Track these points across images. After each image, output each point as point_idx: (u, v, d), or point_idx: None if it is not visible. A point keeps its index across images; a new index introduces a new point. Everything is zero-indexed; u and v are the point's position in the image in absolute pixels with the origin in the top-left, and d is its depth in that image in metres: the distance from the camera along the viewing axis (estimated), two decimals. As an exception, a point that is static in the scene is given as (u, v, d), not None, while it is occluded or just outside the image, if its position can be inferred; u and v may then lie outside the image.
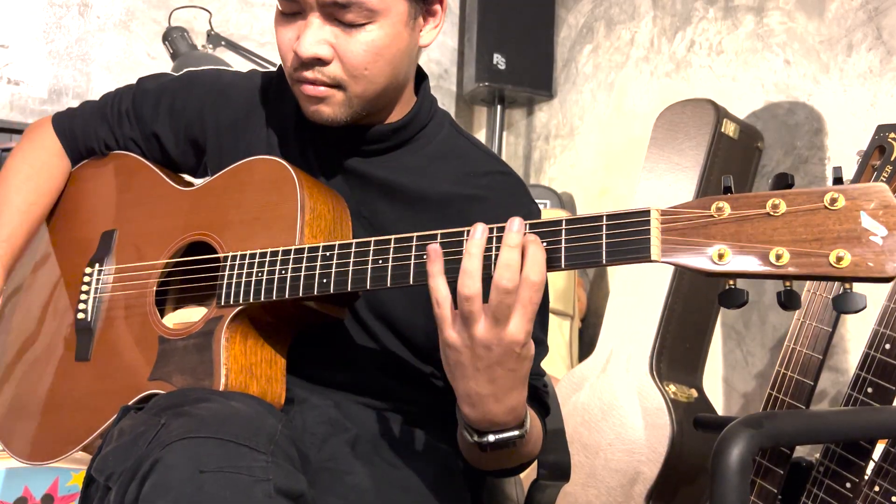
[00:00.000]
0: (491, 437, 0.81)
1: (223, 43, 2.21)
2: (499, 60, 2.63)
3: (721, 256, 0.67)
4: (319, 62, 0.90)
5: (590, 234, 0.73)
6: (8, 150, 1.98)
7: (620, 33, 2.50)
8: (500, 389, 0.77)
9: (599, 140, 2.55)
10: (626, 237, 0.71)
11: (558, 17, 2.77)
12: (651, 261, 0.70)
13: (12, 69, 2.32)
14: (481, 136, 2.95)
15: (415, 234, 0.81)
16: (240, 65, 2.21)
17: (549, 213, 2.49)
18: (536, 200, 1.08)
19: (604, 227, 0.73)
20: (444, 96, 2.97)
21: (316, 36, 0.89)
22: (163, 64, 2.34)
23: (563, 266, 0.75)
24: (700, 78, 2.17)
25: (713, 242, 0.68)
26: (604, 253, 0.72)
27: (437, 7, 0.97)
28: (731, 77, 2.07)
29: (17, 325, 1.16)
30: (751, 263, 0.66)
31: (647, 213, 0.71)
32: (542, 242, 0.75)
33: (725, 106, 1.80)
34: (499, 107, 2.75)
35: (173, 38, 2.09)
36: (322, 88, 0.92)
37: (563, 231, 0.75)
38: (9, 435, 1.10)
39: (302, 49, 0.89)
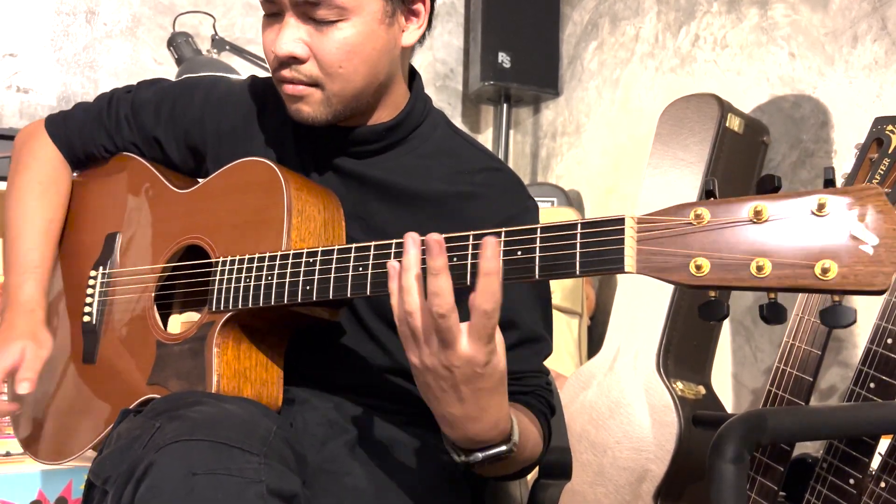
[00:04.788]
0: (479, 455, 0.80)
1: (228, 47, 2.22)
2: (504, 59, 2.62)
3: (699, 268, 0.63)
4: (296, 61, 0.92)
5: (563, 241, 0.70)
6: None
7: (625, 29, 2.49)
8: (473, 409, 0.75)
9: (606, 137, 2.55)
10: (599, 247, 0.68)
11: (563, 14, 2.76)
12: (625, 272, 0.66)
13: (21, 77, 2.35)
14: (488, 135, 2.94)
15: (393, 241, 0.80)
16: (244, 69, 2.23)
17: (556, 210, 2.48)
18: (544, 198, 1.08)
19: (578, 235, 0.69)
20: (451, 96, 2.97)
21: (291, 35, 0.91)
22: (169, 69, 2.36)
23: (536, 276, 0.71)
24: (705, 72, 2.16)
25: (692, 253, 0.64)
26: (577, 263, 0.69)
27: (420, 7, 0.97)
28: (736, 71, 2.06)
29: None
30: (731, 275, 0.62)
31: (621, 220, 0.67)
32: (517, 251, 0.72)
33: (730, 100, 1.79)
34: (505, 105, 2.75)
35: (178, 43, 2.11)
36: (300, 87, 0.93)
37: (538, 239, 0.71)
38: (25, 434, 1.12)
39: (277, 48, 0.91)
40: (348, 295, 0.83)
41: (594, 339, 2.36)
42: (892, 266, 0.58)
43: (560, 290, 2.27)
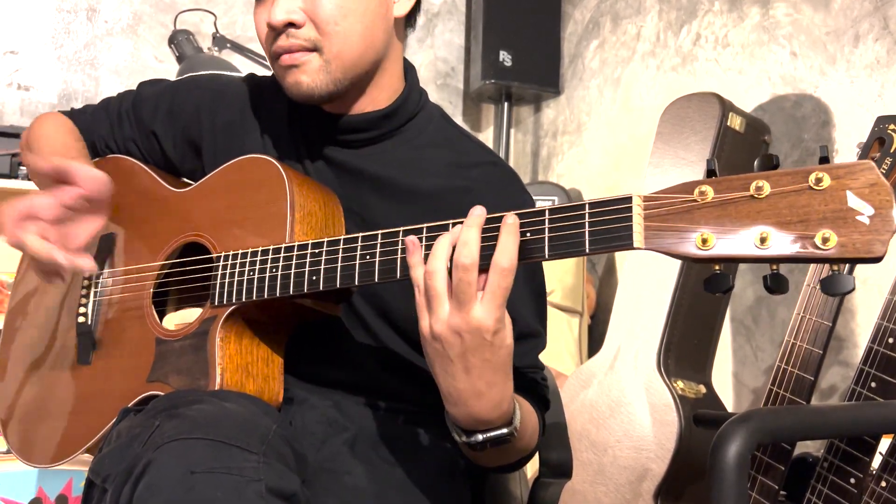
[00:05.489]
0: (480, 437, 0.81)
1: (229, 45, 2.22)
2: (505, 57, 2.62)
3: (705, 241, 0.66)
4: (293, 27, 0.93)
5: (573, 222, 0.72)
6: (18, 154, 2.01)
7: (626, 28, 2.48)
8: (478, 382, 0.77)
9: (607, 136, 2.54)
10: (608, 224, 0.70)
11: (564, 12, 2.76)
12: (634, 248, 0.69)
13: (22, 75, 2.35)
14: (489, 133, 2.94)
15: (401, 228, 0.81)
16: (246, 67, 2.22)
17: (557, 209, 2.48)
18: (545, 197, 1.09)
19: (586, 214, 0.72)
20: (452, 94, 2.97)
21: (286, 3, 0.93)
22: (170, 67, 2.35)
23: (546, 256, 0.74)
24: (706, 71, 2.16)
25: (697, 227, 0.67)
26: (587, 241, 0.71)
27: None
28: (738, 70, 2.05)
29: (22, 330, 1.17)
30: (735, 247, 0.65)
31: (629, 199, 0.70)
32: (526, 233, 0.74)
33: (732, 99, 1.78)
34: (506, 104, 2.75)
35: (179, 41, 2.11)
36: (298, 54, 0.94)
37: (547, 220, 0.74)
38: (16, 438, 1.11)
39: (273, 17, 0.93)
40: (356, 283, 0.83)
41: (595, 339, 2.37)
42: (888, 234, 0.61)
43: (560, 288, 2.27)
